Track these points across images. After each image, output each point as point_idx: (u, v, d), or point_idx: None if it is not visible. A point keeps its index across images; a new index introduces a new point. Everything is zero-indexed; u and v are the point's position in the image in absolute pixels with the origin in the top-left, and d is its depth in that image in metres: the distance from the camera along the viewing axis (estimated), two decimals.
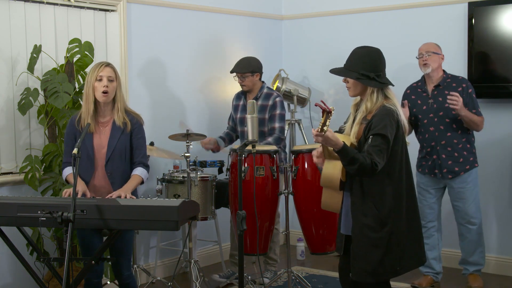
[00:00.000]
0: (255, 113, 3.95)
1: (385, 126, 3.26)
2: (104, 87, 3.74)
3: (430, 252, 5.11)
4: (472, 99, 4.90)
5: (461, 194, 4.97)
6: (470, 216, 4.98)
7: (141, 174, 3.83)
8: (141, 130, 3.90)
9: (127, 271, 3.87)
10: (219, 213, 5.33)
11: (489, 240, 5.40)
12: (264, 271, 5.31)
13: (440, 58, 4.99)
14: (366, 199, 3.35)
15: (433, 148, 4.98)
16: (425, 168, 5.05)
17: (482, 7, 5.35)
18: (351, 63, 3.42)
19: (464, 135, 4.93)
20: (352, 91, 3.46)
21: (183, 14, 5.66)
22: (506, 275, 5.44)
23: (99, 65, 3.79)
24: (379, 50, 3.45)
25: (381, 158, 3.24)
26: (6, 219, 3.43)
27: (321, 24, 6.41)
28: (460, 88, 4.90)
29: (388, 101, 3.38)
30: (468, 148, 4.95)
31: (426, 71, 4.97)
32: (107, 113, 3.85)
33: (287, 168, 4.76)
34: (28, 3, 4.61)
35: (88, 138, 3.81)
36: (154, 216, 3.30)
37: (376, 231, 3.34)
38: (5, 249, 3.75)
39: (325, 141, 3.20)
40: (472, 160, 4.97)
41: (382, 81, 3.37)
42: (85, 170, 3.82)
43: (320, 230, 4.66)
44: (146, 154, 3.93)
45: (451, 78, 4.99)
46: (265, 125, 5.10)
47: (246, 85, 5.13)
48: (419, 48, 5.05)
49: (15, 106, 4.50)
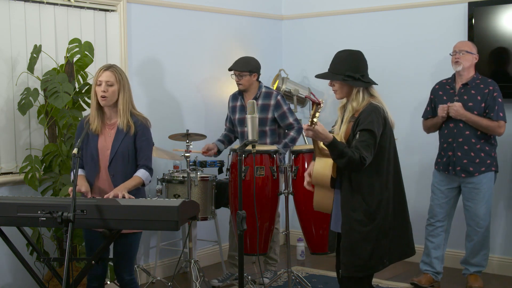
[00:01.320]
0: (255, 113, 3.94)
1: (372, 122, 3.36)
2: (102, 92, 3.73)
3: (434, 251, 5.12)
4: (495, 102, 4.86)
5: (473, 195, 4.96)
6: (480, 218, 4.97)
7: (142, 176, 3.79)
8: (145, 132, 3.85)
9: (128, 275, 3.83)
10: (219, 213, 5.33)
11: (494, 240, 5.39)
12: (264, 271, 5.31)
13: (474, 58, 4.96)
14: (355, 194, 3.42)
15: (449, 144, 4.98)
16: (441, 165, 5.06)
17: (482, 7, 5.35)
18: (335, 66, 3.53)
19: (483, 137, 4.91)
20: (339, 94, 3.55)
21: (183, 14, 5.66)
22: (509, 276, 5.44)
23: (100, 69, 3.79)
24: (361, 52, 3.57)
25: (368, 153, 3.32)
26: (6, 219, 3.43)
27: (321, 24, 6.41)
28: (487, 90, 4.90)
29: (374, 99, 3.48)
30: (486, 150, 4.92)
31: (457, 68, 4.96)
32: (113, 116, 3.84)
33: (287, 168, 4.76)
34: (28, 3, 4.61)
35: (93, 139, 3.81)
36: (154, 216, 3.30)
37: (366, 225, 3.41)
38: (5, 249, 3.74)
39: (315, 135, 3.28)
40: (489, 163, 4.93)
41: (366, 80, 3.48)
42: (89, 171, 3.82)
43: (320, 230, 4.67)
44: (150, 157, 3.87)
45: (480, 79, 4.97)
46: (266, 124, 5.12)
47: (243, 84, 5.13)
48: (454, 46, 5.03)
49: (15, 106, 4.50)
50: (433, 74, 5.59)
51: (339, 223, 3.51)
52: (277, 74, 6.21)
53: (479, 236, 5.00)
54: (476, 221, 4.98)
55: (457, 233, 5.35)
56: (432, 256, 5.12)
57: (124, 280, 3.83)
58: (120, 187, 3.69)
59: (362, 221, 3.41)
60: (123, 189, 3.66)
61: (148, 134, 3.88)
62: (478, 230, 4.99)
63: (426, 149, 5.62)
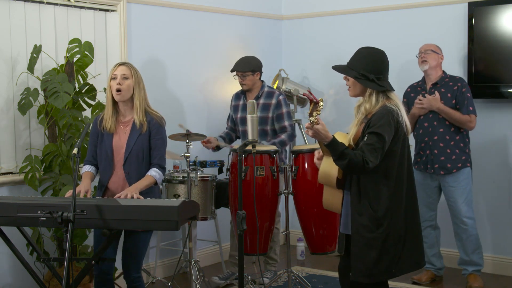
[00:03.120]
0: (255, 113, 3.95)
1: (382, 125, 3.23)
2: (118, 84, 3.74)
3: (429, 250, 5.19)
4: (464, 97, 4.98)
5: (452, 193, 5.04)
6: (462, 215, 5.03)
7: (154, 175, 3.79)
8: (160, 131, 3.85)
9: (135, 273, 3.83)
10: (219, 213, 5.33)
11: (484, 240, 5.40)
12: (264, 271, 5.31)
13: (439, 57, 5.11)
14: (362, 199, 3.33)
15: (426, 143, 5.08)
16: (420, 164, 5.14)
17: (482, 7, 5.35)
18: (353, 62, 3.41)
19: (457, 133, 5.01)
20: (352, 91, 3.44)
21: (183, 14, 5.66)
22: (504, 275, 5.44)
23: (115, 65, 3.83)
24: (383, 52, 3.42)
25: (373, 157, 3.20)
26: (6, 219, 3.43)
27: (321, 24, 6.41)
28: (456, 87, 5.03)
29: (390, 102, 3.35)
30: (461, 147, 5.02)
31: (424, 67, 5.09)
32: (127, 113, 3.85)
33: (287, 168, 4.76)
34: (28, 3, 4.61)
35: (108, 138, 3.82)
36: (154, 216, 3.30)
37: (371, 231, 3.30)
38: (5, 249, 3.74)
39: (315, 134, 3.20)
40: (464, 159, 5.02)
41: (381, 84, 3.34)
42: (104, 170, 3.83)
43: (320, 230, 4.66)
44: (164, 156, 3.87)
45: (449, 78, 5.10)
46: (267, 123, 5.12)
47: (247, 84, 5.15)
48: (419, 47, 5.17)
49: (15, 106, 4.50)
50: None
51: (348, 226, 3.42)
52: (277, 74, 6.21)
53: (467, 233, 5.04)
54: (460, 218, 5.05)
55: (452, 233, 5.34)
56: (429, 254, 5.20)
57: (131, 276, 3.83)
58: (133, 187, 3.69)
59: (368, 227, 3.30)
60: (135, 189, 3.66)
61: (163, 133, 3.89)
62: (463, 227, 5.04)
63: None
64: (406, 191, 3.37)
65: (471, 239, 5.05)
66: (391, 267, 3.34)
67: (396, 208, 3.33)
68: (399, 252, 3.35)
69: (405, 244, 3.36)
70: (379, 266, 3.32)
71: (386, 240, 3.31)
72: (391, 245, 3.32)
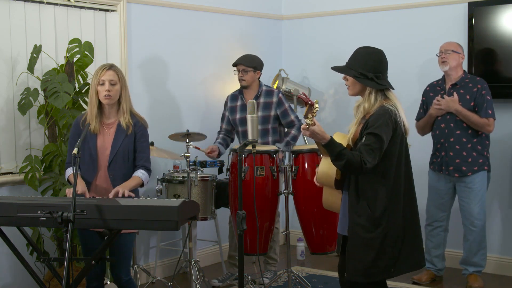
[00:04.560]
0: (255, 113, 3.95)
1: (380, 126, 3.24)
2: (106, 91, 3.73)
3: (434, 250, 5.17)
4: (484, 100, 4.91)
5: (466, 194, 4.99)
6: (474, 217, 4.99)
7: (141, 176, 3.80)
8: (145, 133, 3.88)
9: (126, 276, 3.83)
10: (219, 213, 5.33)
11: (491, 241, 5.40)
12: (264, 271, 5.31)
13: (460, 57, 5.02)
14: (360, 199, 3.33)
15: (442, 144, 5.03)
16: (436, 165, 5.10)
17: (482, 7, 5.35)
18: (351, 61, 3.43)
19: (475, 136, 4.94)
20: (351, 90, 3.45)
21: (183, 14, 5.66)
22: (507, 275, 5.44)
23: (101, 68, 3.77)
24: (382, 51, 3.44)
25: (371, 157, 3.21)
26: (6, 219, 3.42)
27: (321, 24, 6.41)
28: (475, 88, 4.95)
29: (388, 102, 3.36)
30: (478, 150, 4.95)
31: (444, 68, 5.02)
32: (112, 115, 3.84)
33: (287, 168, 4.76)
34: (28, 3, 4.61)
35: (91, 139, 3.80)
36: (154, 216, 3.30)
37: (369, 231, 3.31)
38: (5, 249, 3.74)
39: (312, 135, 3.22)
40: (482, 163, 4.96)
41: (380, 82, 3.35)
42: (87, 171, 3.81)
43: (320, 230, 4.66)
44: (149, 158, 3.89)
45: (469, 79, 5.02)
46: (269, 122, 5.13)
47: (246, 80, 5.14)
48: (440, 46, 5.08)
49: (15, 106, 4.50)
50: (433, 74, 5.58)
51: (346, 226, 3.43)
52: (277, 74, 6.21)
53: (475, 235, 5.01)
54: (470, 220, 5.00)
55: (456, 233, 5.35)
56: (432, 255, 5.19)
57: (122, 280, 3.82)
58: (122, 185, 3.69)
59: (365, 227, 3.31)
60: (125, 187, 3.67)
61: (147, 135, 3.92)
62: (473, 229, 5.01)
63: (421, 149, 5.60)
64: (404, 191, 3.37)
65: (478, 240, 5.02)
66: (390, 267, 3.35)
67: (394, 208, 3.33)
68: (398, 252, 3.35)
69: (404, 244, 3.37)
70: (377, 266, 3.32)
71: (385, 240, 3.31)
72: (389, 245, 3.33)
